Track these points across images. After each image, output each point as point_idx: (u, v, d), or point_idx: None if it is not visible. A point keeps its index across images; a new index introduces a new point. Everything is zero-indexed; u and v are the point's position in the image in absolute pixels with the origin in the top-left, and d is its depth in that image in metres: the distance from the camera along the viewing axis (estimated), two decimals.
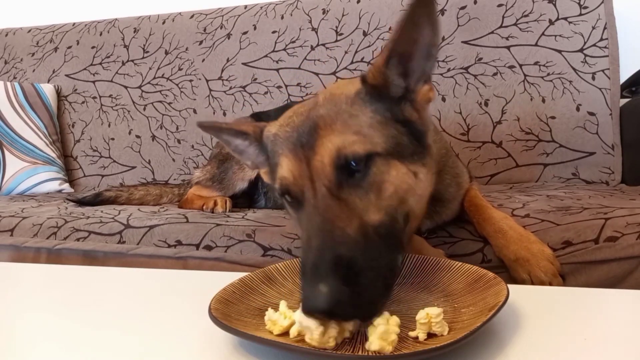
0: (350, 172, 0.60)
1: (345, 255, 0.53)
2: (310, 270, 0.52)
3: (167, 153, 2.04)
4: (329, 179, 0.60)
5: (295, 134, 0.65)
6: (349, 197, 0.59)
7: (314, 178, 0.60)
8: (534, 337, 0.52)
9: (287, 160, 0.64)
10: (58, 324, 0.66)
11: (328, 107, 0.65)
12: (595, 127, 1.54)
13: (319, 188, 0.60)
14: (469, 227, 0.97)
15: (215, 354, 0.53)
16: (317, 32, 1.91)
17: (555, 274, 0.81)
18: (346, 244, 0.54)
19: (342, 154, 0.60)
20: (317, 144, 0.61)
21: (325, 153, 0.60)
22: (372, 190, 0.60)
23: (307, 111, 0.67)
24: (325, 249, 0.54)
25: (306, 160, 0.62)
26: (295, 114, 0.68)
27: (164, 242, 1.11)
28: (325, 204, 0.58)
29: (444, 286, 0.65)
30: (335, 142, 0.60)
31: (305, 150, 0.62)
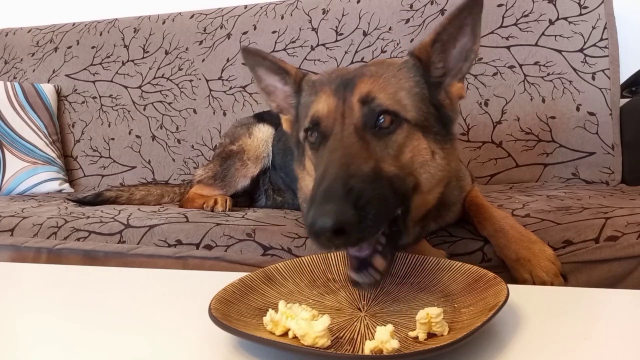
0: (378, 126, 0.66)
1: (357, 187, 0.56)
2: (321, 194, 0.56)
3: (167, 153, 2.04)
4: (357, 117, 0.66)
5: (339, 79, 0.72)
6: (372, 142, 0.65)
7: (345, 114, 0.67)
8: (534, 337, 0.52)
9: (325, 96, 0.71)
10: (58, 324, 0.66)
11: (376, 66, 0.73)
12: (595, 127, 1.54)
13: (348, 125, 0.66)
14: (469, 227, 0.97)
15: (215, 354, 0.53)
16: (317, 32, 1.91)
17: (557, 273, 0.81)
18: (360, 178, 0.58)
19: (371, 96, 0.66)
20: (356, 88, 0.68)
21: (358, 92, 0.67)
22: (392, 147, 0.66)
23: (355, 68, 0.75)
24: (339, 178, 0.57)
25: (343, 99, 0.68)
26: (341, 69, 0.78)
27: (164, 241, 1.11)
28: (349, 140, 0.64)
29: (444, 286, 0.65)
30: (368, 87, 0.67)
31: (346, 91, 0.69)
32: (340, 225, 0.52)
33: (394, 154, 0.66)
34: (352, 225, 0.53)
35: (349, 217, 0.53)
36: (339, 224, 0.52)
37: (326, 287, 0.69)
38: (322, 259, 0.76)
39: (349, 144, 0.63)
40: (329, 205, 0.53)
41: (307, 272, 0.73)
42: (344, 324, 0.57)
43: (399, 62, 0.75)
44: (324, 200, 0.54)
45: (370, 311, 0.60)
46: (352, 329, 0.56)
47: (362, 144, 0.64)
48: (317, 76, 0.79)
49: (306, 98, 0.77)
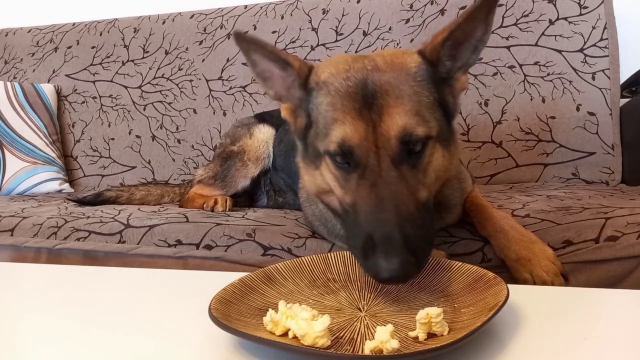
0: (409, 150, 0.66)
1: (412, 234, 0.60)
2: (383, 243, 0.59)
3: (167, 153, 2.04)
4: (394, 151, 0.65)
5: (359, 92, 0.68)
6: (407, 173, 0.66)
7: (379, 145, 0.65)
8: (534, 337, 0.52)
9: (352, 120, 0.67)
10: (58, 324, 0.66)
11: (392, 75, 0.69)
12: (595, 127, 1.54)
13: (384, 158, 0.65)
14: (469, 227, 0.97)
15: (215, 354, 0.53)
16: (317, 32, 1.91)
17: (557, 273, 0.81)
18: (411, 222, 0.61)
19: (408, 132, 0.66)
20: (385, 112, 0.66)
21: (394, 126, 0.65)
22: (421, 170, 0.68)
23: (365, 70, 0.70)
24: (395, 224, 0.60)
25: (372, 125, 0.66)
26: (351, 67, 0.71)
27: (164, 241, 1.11)
28: (391, 177, 0.64)
29: (444, 286, 0.65)
30: (403, 120, 0.66)
31: (373, 115, 0.66)
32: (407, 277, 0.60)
33: (423, 175, 0.68)
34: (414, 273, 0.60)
35: (413, 269, 0.59)
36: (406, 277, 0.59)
37: (326, 287, 0.69)
38: (322, 259, 0.76)
39: (392, 181, 0.64)
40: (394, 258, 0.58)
41: (307, 272, 0.73)
42: (344, 324, 0.57)
43: (412, 66, 0.71)
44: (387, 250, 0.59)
45: (370, 311, 0.60)
46: (352, 329, 0.56)
47: (402, 179, 0.65)
48: (325, 74, 0.73)
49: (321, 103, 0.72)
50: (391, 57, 0.73)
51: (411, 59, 0.73)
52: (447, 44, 0.73)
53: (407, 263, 0.58)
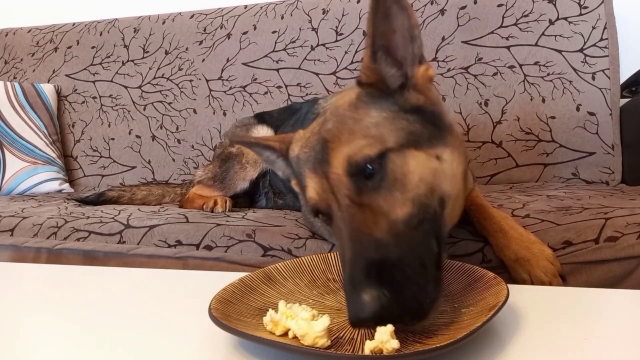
0: (368, 175, 0.59)
1: (375, 258, 0.52)
2: (348, 282, 0.52)
3: (167, 153, 2.04)
4: (347, 187, 0.60)
5: (312, 153, 0.66)
6: (372, 201, 0.59)
7: (335, 190, 0.61)
8: (534, 337, 0.52)
9: (310, 180, 0.65)
10: (58, 324, 0.66)
11: (334, 120, 0.66)
12: (595, 127, 1.54)
13: (342, 199, 0.60)
14: (469, 227, 0.97)
15: (215, 354, 0.53)
16: (317, 32, 1.91)
17: (556, 274, 0.81)
18: (374, 248, 0.54)
19: (354, 160, 0.60)
20: (330, 156, 0.62)
21: (338, 164, 0.61)
22: (394, 187, 0.59)
23: (318, 129, 0.68)
24: (356, 257, 0.53)
25: (324, 175, 0.62)
26: (311, 133, 0.70)
27: (164, 242, 1.11)
28: (349, 213, 0.59)
29: (444, 286, 0.65)
30: (344, 152, 0.61)
31: (323, 166, 0.63)
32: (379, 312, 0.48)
33: (400, 190, 0.59)
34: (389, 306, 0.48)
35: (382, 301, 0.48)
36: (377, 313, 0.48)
37: (326, 287, 0.69)
38: (322, 259, 0.76)
39: (350, 217, 0.58)
40: (360, 294, 0.49)
41: (307, 272, 0.73)
42: (344, 324, 0.57)
43: (352, 98, 0.68)
44: (351, 288, 0.51)
45: None
46: (352, 329, 0.55)
47: (363, 210, 0.58)
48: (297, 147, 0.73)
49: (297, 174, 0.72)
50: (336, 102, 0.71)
51: (352, 93, 0.69)
52: (378, 57, 0.66)
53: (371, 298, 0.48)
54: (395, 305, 0.49)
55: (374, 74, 0.67)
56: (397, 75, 0.68)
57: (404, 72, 0.68)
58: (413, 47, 0.67)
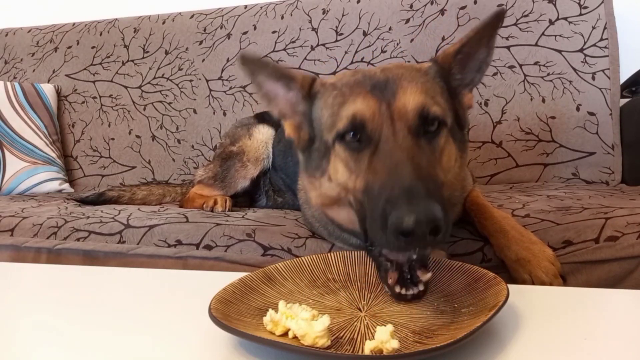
0: (425, 130, 0.66)
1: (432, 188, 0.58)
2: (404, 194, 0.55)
3: (167, 153, 2.04)
4: (411, 123, 0.65)
5: (369, 81, 0.70)
6: (425, 148, 0.65)
7: (395, 119, 0.65)
8: (534, 337, 0.52)
9: (364, 98, 0.68)
10: (58, 324, 0.66)
11: (403, 70, 0.72)
12: (595, 127, 1.54)
13: (400, 129, 0.65)
14: (469, 227, 0.97)
15: (215, 354, 0.53)
16: (317, 32, 1.91)
17: (556, 274, 0.81)
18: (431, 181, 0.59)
19: (426, 107, 0.66)
20: (400, 92, 0.67)
21: (410, 101, 0.66)
22: (436, 153, 0.67)
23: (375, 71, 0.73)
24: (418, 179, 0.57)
25: (387, 102, 0.66)
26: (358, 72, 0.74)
27: (164, 241, 1.11)
28: (409, 143, 0.63)
29: (444, 286, 0.65)
30: (419, 96, 0.67)
31: (386, 94, 0.67)
32: (435, 222, 0.52)
33: (438, 158, 0.67)
34: (443, 222, 0.53)
35: (441, 214, 0.53)
36: (434, 221, 0.52)
37: (326, 287, 0.69)
38: (322, 259, 0.76)
39: (410, 146, 0.63)
40: (420, 203, 0.53)
41: (307, 272, 0.73)
42: (344, 324, 0.57)
43: (425, 67, 0.76)
44: (411, 199, 0.54)
45: (370, 311, 0.60)
46: (352, 329, 0.56)
47: (420, 150, 0.64)
48: (334, 79, 0.77)
49: (328, 101, 0.74)
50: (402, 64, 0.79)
51: (423, 64, 0.77)
52: (457, 57, 0.76)
53: (433, 208, 0.53)
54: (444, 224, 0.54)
55: (448, 62, 0.77)
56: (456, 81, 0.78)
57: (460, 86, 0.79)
58: (475, 76, 0.79)
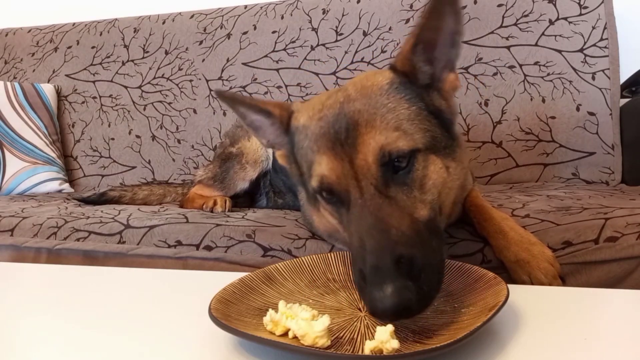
0: (395, 169, 0.61)
1: (406, 254, 0.53)
2: (372, 272, 0.52)
3: (167, 153, 2.04)
4: (376, 177, 0.60)
5: (331, 130, 0.64)
6: (397, 195, 0.60)
7: (359, 177, 0.61)
8: (534, 337, 0.52)
9: (327, 158, 0.63)
10: (58, 324, 0.66)
11: (364, 101, 0.65)
12: (595, 127, 1.54)
13: (366, 187, 0.60)
14: (469, 228, 0.97)
15: (215, 354, 0.53)
16: (317, 32, 1.91)
17: (555, 276, 0.81)
18: (404, 243, 0.54)
19: (387, 151, 0.60)
20: (359, 142, 0.61)
21: (369, 151, 0.60)
22: (415, 186, 0.61)
23: (339, 104, 0.66)
24: (383, 249, 0.53)
25: (348, 159, 0.62)
26: (324, 106, 0.68)
27: (164, 242, 1.11)
28: (375, 203, 0.58)
29: (444, 286, 0.65)
30: (378, 140, 0.61)
31: (346, 148, 0.62)
32: (403, 305, 0.49)
33: (419, 191, 0.61)
34: (414, 301, 0.50)
35: (409, 294, 0.49)
36: (402, 305, 0.49)
37: (326, 287, 0.69)
38: (322, 259, 0.76)
39: (377, 207, 0.58)
40: (385, 286, 0.50)
41: (307, 272, 0.73)
42: (344, 324, 0.57)
43: (384, 83, 0.67)
44: (377, 279, 0.51)
45: None
46: (352, 329, 0.56)
47: (390, 202, 0.59)
48: (303, 117, 0.71)
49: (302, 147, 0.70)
50: (362, 81, 0.69)
51: (382, 77, 0.68)
52: (417, 49, 0.67)
53: (403, 289, 0.49)
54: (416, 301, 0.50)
55: (409, 64, 0.68)
56: (428, 73, 0.69)
57: (435, 73, 0.69)
58: (451, 52, 0.68)
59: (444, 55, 0.69)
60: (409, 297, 0.49)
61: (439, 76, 0.69)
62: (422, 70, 0.68)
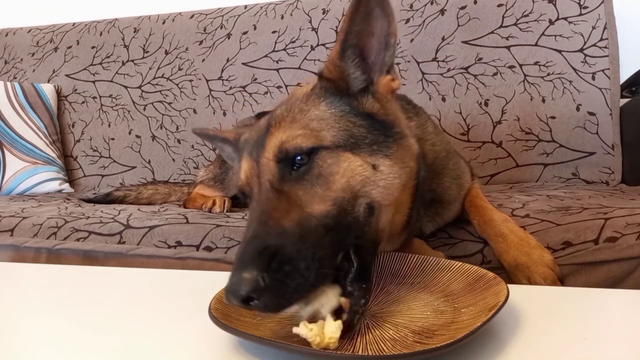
0: (296, 166, 0.60)
1: (272, 245, 0.52)
2: (236, 257, 0.52)
3: (167, 153, 2.04)
4: (272, 173, 0.61)
5: (255, 136, 0.67)
6: (291, 190, 0.59)
7: (260, 174, 0.62)
8: (534, 337, 0.52)
9: (244, 162, 0.66)
10: (57, 324, 0.66)
11: (283, 107, 0.67)
12: (595, 127, 1.54)
13: (264, 183, 0.61)
14: (469, 228, 0.97)
15: (215, 354, 0.53)
16: (317, 32, 1.91)
17: (555, 280, 0.80)
18: (276, 235, 0.53)
19: (284, 148, 0.61)
20: (266, 142, 0.63)
21: (270, 149, 0.62)
22: (317, 183, 0.59)
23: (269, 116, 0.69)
24: (254, 238, 0.53)
25: (257, 159, 0.63)
26: (264, 119, 0.70)
27: (164, 242, 1.11)
28: (266, 197, 0.59)
29: (444, 286, 0.65)
30: (279, 138, 0.62)
31: (258, 150, 0.64)
32: (249, 294, 0.48)
33: (322, 188, 0.59)
34: (262, 292, 0.48)
35: (256, 285, 0.48)
36: (247, 294, 0.48)
37: None
38: None
39: (265, 200, 0.58)
40: (237, 272, 0.49)
41: None
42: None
43: (308, 90, 0.68)
44: (235, 267, 0.50)
45: (370, 311, 0.60)
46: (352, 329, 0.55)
47: (279, 196, 0.58)
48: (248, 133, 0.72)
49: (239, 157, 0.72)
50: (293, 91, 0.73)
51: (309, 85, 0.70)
52: (346, 55, 0.66)
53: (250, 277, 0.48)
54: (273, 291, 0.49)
55: (337, 71, 0.67)
56: (361, 78, 0.68)
57: (369, 77, 0.68)
58: (385, 55, 0.67)
59: (378, 59, 0.67)
60: (254, 288, 0.48)
61: (375, 79, 0.68)
62: (354, 77, 0.68)
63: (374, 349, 0.50)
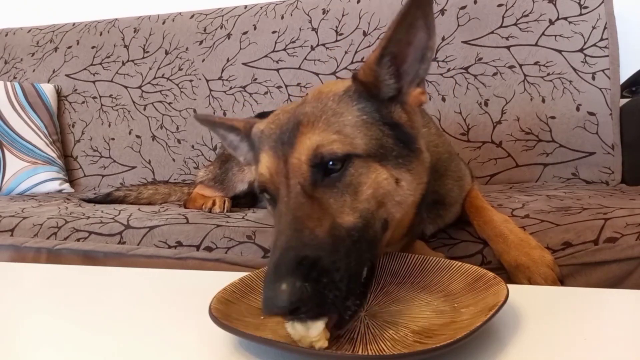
0: (327, 171, 0.59)
1: (310, 256, 0.51)
2: (272, 269, 0.50)
3: (167, 153, 2.04)
4: (304, 176, 0.59)
5: (278, 131, 0.64)
6: (323, 197, 0.58)
7: (290, 175, 0.60)
8: (534, 337, 0.52)
9: (267, 156, 0.64)
10: (57, 324, 0.66)
11: (313, 105, 0.65)
12: (595, 127, 1.54)
13: (294, 186, 0.59)
14: (469, 229, 0.97)
15: (215, 354, 0.53)
16: (317, 32, 1.91)
17: (555, 280, 0.80)
18: (313, 246, 0.52)
19: (319, 152, 0.59)
20: (297, 141, 0.61)
21: (303, 150, 0.60)
22: (347, 192, 0.59)
23: (293, 109, 0.66)
24: (290, 248, 0.51)
25: (284, 157, 0.61)
26: (282, 111, 0.68)
27: (164, 242, 1.11)
28: (297, 202, 0.57)
29: (444, 286, 0.65)
30: (313, 140, 0.60)
31: (285, 147, 0.62)
32: (295, 305, 0.47)
33: (351, 197, 0.58)
34: (307, 302, 0.48)
35: (302, 295, 0.47)
36: (293, 304, 0.47)
37: None
38: None
39: (297, 206, 0.56)
40: (280, 283, 0.48)
41: None
42: None
43: (340, 91, 0.67)
44: (274, 277, 0.49)
45: (371, 311, 0.60)
46: (352, 329, 0.55)
47: (312, 203, 0.57)
48: (262, 124, 0.71)
49: (256, 151, 0.70)
50: (321, 88, 0.69)
51: (341, 85, 0.68)
52: (383, 62, 0.66)
53: (295, 288, 0.47)
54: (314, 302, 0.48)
55: (372, 75, 0.67)
56: (393, 86, 0.68)
57: (400, 87, 0.68)
58: (420, 67, 0.67)
59: (412, 70, 0.67)
60: (300, 298, 0.47)
61: (405, 90, 0.68)
62: (387, 83, 0.67)
63: (374, 348, 0.50)
